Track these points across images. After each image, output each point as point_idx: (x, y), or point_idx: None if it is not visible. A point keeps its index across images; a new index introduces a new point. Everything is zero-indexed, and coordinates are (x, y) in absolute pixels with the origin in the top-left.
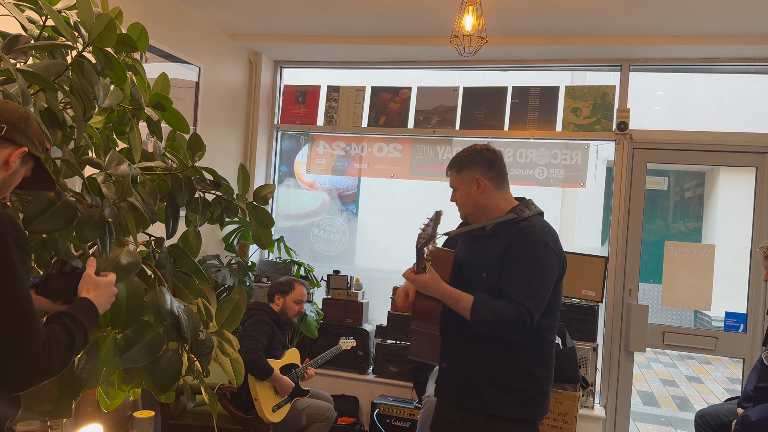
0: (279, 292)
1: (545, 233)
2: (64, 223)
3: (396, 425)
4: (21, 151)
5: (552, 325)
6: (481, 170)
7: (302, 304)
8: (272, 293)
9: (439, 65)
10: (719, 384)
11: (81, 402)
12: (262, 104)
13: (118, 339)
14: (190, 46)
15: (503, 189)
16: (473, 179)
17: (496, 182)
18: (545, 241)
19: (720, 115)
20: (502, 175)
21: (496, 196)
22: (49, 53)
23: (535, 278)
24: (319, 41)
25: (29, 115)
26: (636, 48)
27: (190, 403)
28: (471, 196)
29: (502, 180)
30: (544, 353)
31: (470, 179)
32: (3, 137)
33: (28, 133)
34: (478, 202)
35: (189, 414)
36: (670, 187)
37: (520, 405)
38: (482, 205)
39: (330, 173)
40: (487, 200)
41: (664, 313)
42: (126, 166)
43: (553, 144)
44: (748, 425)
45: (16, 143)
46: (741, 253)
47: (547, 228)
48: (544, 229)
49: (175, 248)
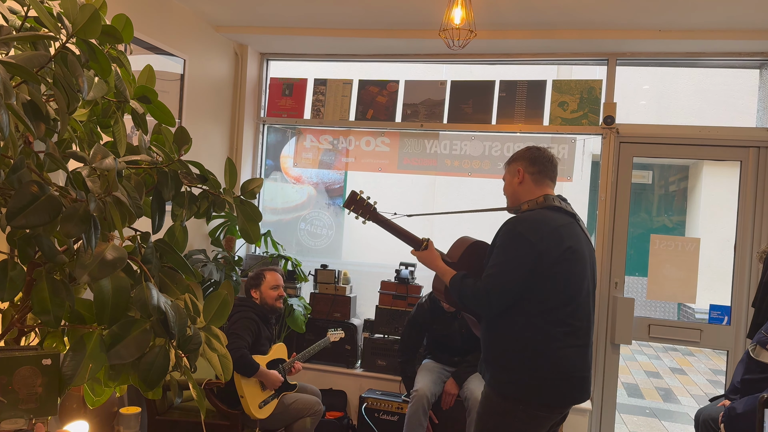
0: (252, 287)
1: (525, 223)
2: (48, 217)
3: (384, 419)
4: None
5: (548, 316)
6: (525, 164)
7: (280, 288)
8: (247, 290)
9: (427, 59)
10: (702, 375)
11: (66, 399)
12: (248, 97)
13: (104, 335)
14: (175, 37)
15: (542, 185)
16: (516, 170)
17: (536, 177)
18: (519, 229)
19: (705, 109)
20: (544, 173)
21: (531, 189)
22: (31, 44)
23: (499, 260)
24: (306, 33)
25: None
26: (622, 42)
27: (177, 398)
28: (511, 185)
29: (543, 177)
30: (539, 341)
31: (514, 170)
32: None
33: None
34: (516, 191)
35: (176, 410)
36: (654, 180)
37: (513, 383)
38: (517, 195)
39: (317, 167)
40: (523, 191)
41: (648, 306)
42: (111, 159)
43: (541, 138)
44: (734, 417)
45: None
46: (724, 246)
47: (533, 219)
48: (528, 220)
49: (162, 243)
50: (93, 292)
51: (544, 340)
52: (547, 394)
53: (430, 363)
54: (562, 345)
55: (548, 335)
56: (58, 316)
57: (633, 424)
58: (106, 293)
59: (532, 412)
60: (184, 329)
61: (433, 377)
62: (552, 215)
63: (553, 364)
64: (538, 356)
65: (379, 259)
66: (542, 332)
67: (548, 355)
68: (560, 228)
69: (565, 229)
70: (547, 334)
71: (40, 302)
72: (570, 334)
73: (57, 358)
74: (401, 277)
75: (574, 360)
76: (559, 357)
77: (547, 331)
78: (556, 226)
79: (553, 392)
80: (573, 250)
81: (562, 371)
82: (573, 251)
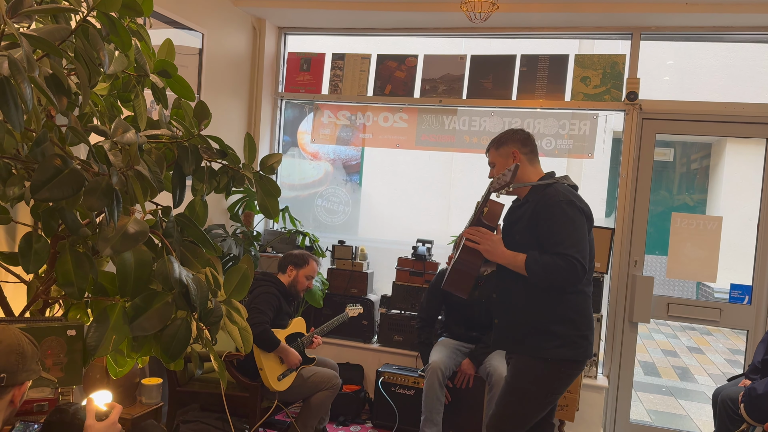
0: (293, 264)
1: (566, 194)
2: (71, 191)
3: (400, 393)
4: (25, 387)
5: (586, 277)
6: (518, 146)
7: (311, 281)
8: (285, 264)
9: (446, 32)
10: (720, 355)
11: (90, 369)
12: (266, 72)
13: (127, 307)
14: (193, 11)
15: (535, 164)
16: (510, 153)
17: (530, 157)
18: (568, 198)
19: (729, 85)
20: (535, 152)
21: (528, 170)
22: (52, 17)
23: (570, 231)
24: (324, 6)
25: (22, 347)
26: (647, 16)
27: (198, 370)
28: (507, 167)
29: (534, 156)
30: (579, 302)
31: (507, 153)
32: (4, 386)
33: (26, 365)
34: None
35: (196, 381)
36: (676, 158)
37: (561, 346)
38: (517, 177)
39: (335, 143)
40: (521, 172)
41: (666, 285)
42: (132, 133)
43: (562, 114)
44: (755, 397)
45: (18, 383)
46: (747, 225)
47: (567, 190)
48: (565, 191)
49: (183, 217)
50: (115, 264)
51: (585, 300)
52: (586, 351)
53: (445, 339)
54: (591, 302)
55: (586, 295)
56: (81, 288)
57: (649, 402)
58: (129, 266)
59: (572, 371)
60: (205, 302)
61: (448, 352)
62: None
63: (589, 321)
64: (582, 317)
65: (396, 236)
66: (583, 294)
67: (587, 314)
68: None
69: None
70: (586, 294)
71: (64, 274)
72: (591, 293)
73: (81, 329)
74: (418, 254)
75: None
76: (591, 313)
77: (586, 292)
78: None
79: (589, 348)
80: (591, 219)
81: (591, 327)
82: (591, 221)
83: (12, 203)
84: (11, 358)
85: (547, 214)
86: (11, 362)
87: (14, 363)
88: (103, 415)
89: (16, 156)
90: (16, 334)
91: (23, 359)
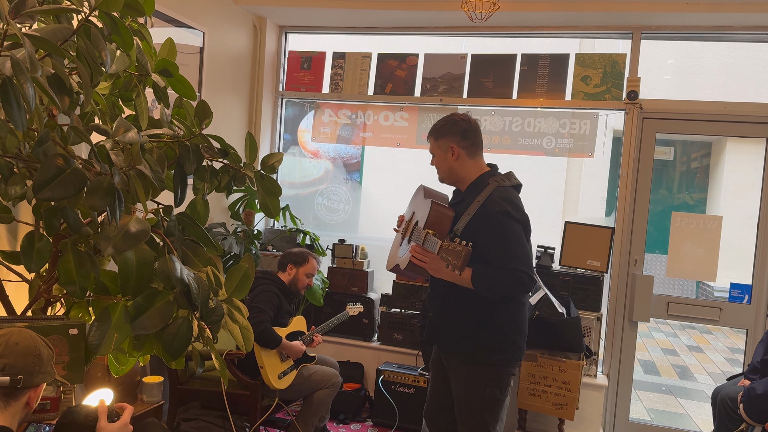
0: (293, 262)
1: (502, 203)
2: (73, 190)
3: (400, 391)
4: (41, 390)
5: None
6: (456, 139)
7: (312, 278)
8: (285, 262)
9: (447, 31)
10: (720, 354)
11: (91, 368)
12: (267, 71)
13: (129, 306)
14: (194, 10)
15: (476, 157)
16: (448, 147)
17: (470, 151)
18: (504, 209)
19: (730, 84)
20: (476, 144)
21: (468, 164)
22: (54, 17)
23: (512, 244)
24: (325, 5)
25: (39, 349)
26: (648, 15)
27: (199, 368)
28: (446, 161)
29: (476, 149)
30: (509, 311)
31: (446, 147)
32: (21, 388)
33: (42, 368)
34: (452, 167)
35: (197, 379)
36: (676, 157)
37: (489, 351)
38: (455, 171)
39: (335, 142)
40: (460, 167)
41: (666, 284)
42: (134, 133)
43: (562, 113)
44: (754, 398)
45: (34, 385)
46: (747, 224)
47: (504, 196)
48: (502, 199)
49: (184, 216)
50: (117, 263)
51: (517, 308)
52: (514, 354)
53: None
54: (525, 308)
55: (521, 303)
56: (83, 287)
57: (649, 401)
58: (130, 265)
59: (513, 371)
60: (206, 301)
61: None
62: (516, 192)
63: (519, 327)
64: (512, 323)
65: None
66: (518, 303)
67: (519, 320)
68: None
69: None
70: (520, 303)
71: (66, 273)
72: (527, 300)
73: (83, 327)
74: None
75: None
76: (523, 319)
77: (521, 300)
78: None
79: (517, 351)
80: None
81: (522, 331)
82: (528, 229)
83: (14, 202)
84: (28, 360)
85: (485, 227)
86: (28, 364)
87: (31, 365)
88: (114, 416)
89: (18, 155)
90: (33, 336)
91: (40, 362)
